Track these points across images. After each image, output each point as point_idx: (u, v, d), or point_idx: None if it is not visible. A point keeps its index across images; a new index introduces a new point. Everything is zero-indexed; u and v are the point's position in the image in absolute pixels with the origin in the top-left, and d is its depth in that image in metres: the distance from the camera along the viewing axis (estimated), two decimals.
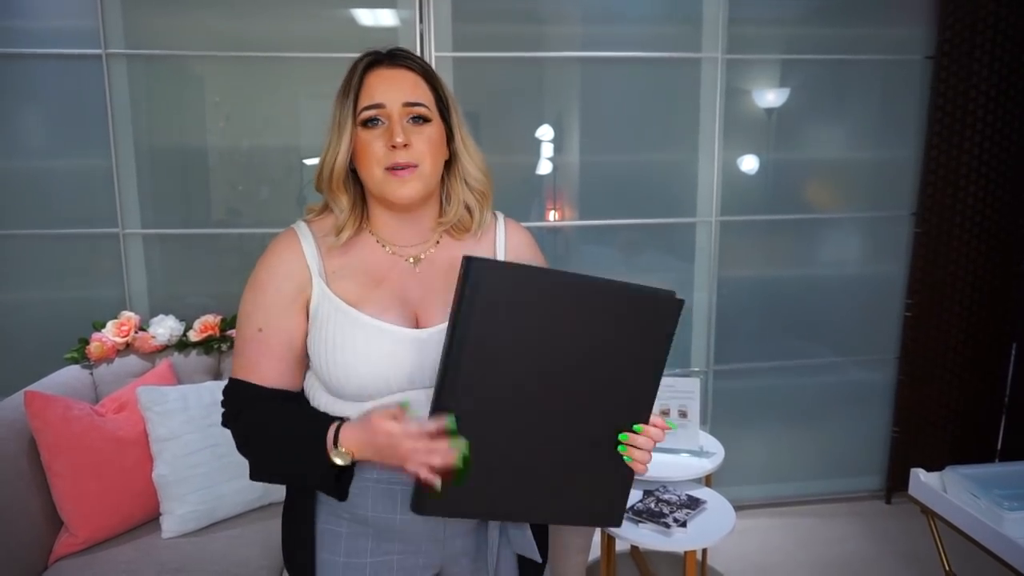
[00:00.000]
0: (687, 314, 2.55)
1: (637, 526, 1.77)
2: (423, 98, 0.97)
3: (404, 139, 0.94)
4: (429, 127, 0.97)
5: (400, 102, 0.95)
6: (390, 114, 0.95)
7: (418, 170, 0.96)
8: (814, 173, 2.56)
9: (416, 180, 0.96)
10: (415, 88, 0.96)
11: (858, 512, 2.62)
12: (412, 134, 0.95)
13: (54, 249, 2.22)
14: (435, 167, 0.98)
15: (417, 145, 0.95)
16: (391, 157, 0.94)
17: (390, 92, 0.95)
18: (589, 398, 0.88)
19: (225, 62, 2.23)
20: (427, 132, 0.96)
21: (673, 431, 0.91)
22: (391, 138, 0.94)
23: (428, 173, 0.97)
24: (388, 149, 0.94)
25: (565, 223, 2.45)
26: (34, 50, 2.12)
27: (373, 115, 0.95)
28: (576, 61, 2.38)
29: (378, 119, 0.95)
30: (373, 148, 0.95)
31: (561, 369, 0.85)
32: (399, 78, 0.96)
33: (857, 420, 2.69)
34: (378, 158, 0.95)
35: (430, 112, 0.97)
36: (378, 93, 0.95)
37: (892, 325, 2.62)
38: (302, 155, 2.33)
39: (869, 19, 2.45)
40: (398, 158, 0.94)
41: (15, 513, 1.50)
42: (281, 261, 0.98)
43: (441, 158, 1.00)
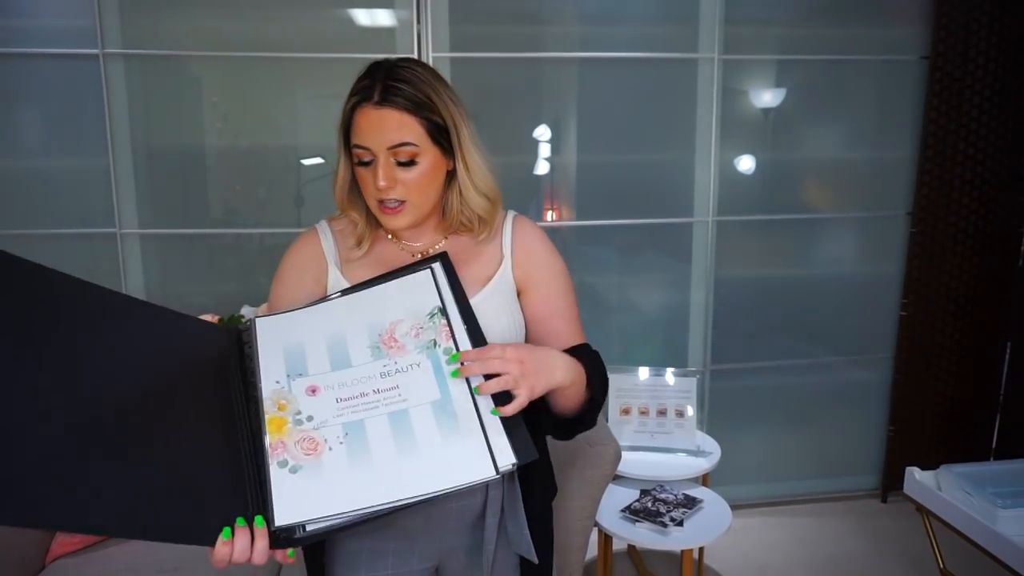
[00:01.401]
0: (684, 314, 2.56)
1: (634, 525, 1.78)
2: (410, 136, 0.97)
3: (388, 182, 0.97)
4: (416, 167, 0.99)
5: (384, 147, 0.97)
6: (376, 156, 0.98)
7: (406, 205, 1.00)
8: (810, 173, 2.57)
9: (406, 214, 1.01)
10: (400, 129, 0.97)
11: (854, 511, 2.63)
12: (399, 173, 0.98)
13: (51, 249, 2.22)
14: (425, 197, 1.02)
15: (404, 183, 0.99)
16: (379, 194, 0.99)
17: (373, 136, 0.97)
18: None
19: (223, 62, 2.23)
20: (414, 172, 0.99)
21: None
22: (376, 180, 0.97)
23: (419, 205, 1.01)
24: (376, 188, 0.98)
25: (562, 223, 2.46)
26: (31, 49, 2.11)
27: (360, 156, 0.99)
28: (573, 61, 2.39)
29: (367, 160, 0.99)
30: (366, 182, 1.00)
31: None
32: (384, 120, 0.97)
33: (853, 419, 2.70)
34: (370, 192, 1.00)
35: (418, 149, 0.98)
36: (364, 135, 0.98)
37: (887, 324, 2.63)
38: (300, 155, 2.34)
39: (865, 19, 2.46)
40: (384, 197, 0.99)
41: None
42: (300, 254, 1.07)
43: (435, 185, 1.03)
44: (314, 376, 0.91)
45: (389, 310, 0.95)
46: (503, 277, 1.08)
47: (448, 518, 1.01)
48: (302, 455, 0.85)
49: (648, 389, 2.08)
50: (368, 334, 0.93)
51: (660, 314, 2.58)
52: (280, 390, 0.90)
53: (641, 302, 2.58)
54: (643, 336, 2.58)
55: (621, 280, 2.54)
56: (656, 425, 2.08)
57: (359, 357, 0.92)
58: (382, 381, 0.90)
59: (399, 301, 0.96)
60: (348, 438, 0.86)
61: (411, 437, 0.86)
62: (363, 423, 0.87)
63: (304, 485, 0.83)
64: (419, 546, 1.02)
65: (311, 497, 0.82)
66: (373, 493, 0.82)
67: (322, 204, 2.34)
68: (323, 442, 0.86)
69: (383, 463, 0.84)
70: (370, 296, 0.97)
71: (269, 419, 0.87)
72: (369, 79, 1.00)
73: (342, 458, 0.85)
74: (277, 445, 0.86)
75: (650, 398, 2.08)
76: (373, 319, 0.94)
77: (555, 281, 1.10)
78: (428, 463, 0.84)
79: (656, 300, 2.57)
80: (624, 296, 2.57)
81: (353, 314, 0.96)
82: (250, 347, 0.94)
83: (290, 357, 0.93)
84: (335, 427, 0.87)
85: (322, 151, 2.33)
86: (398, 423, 0.87)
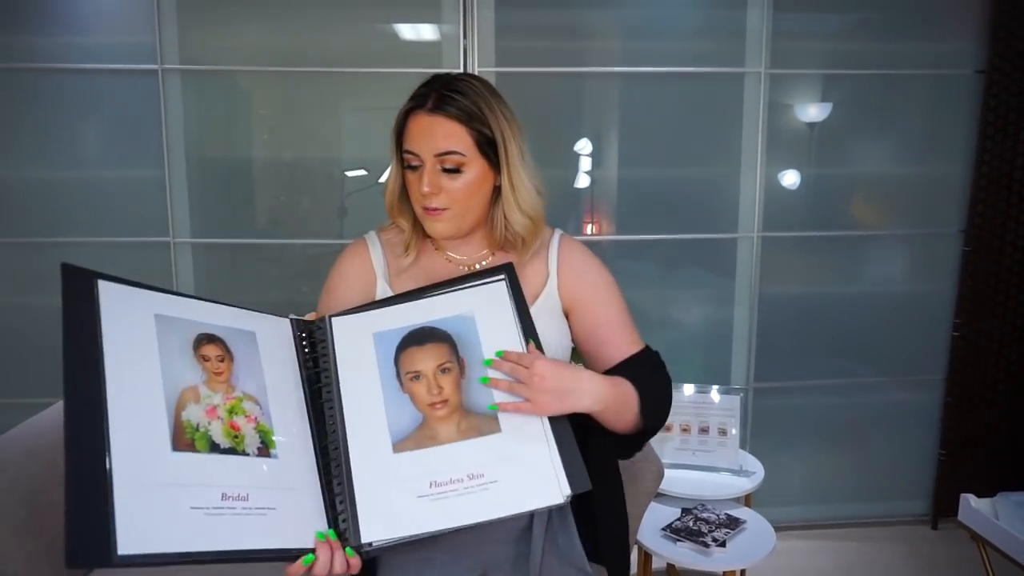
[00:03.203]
0: (727, 330, 2.52)
1: (675, 544, 1.75)
2: (457, 145, 0.99)
3: (431, 188, 1.00)
4: (461, 176, 1.01)
5: (432, 153, 0.99)
6: (423, 161, 1.00)
7: (448, 212, 1.02)
8: (859, 189, 2.52)
9: (448, 221, 1.02)
10: (448, 138, 0.99)
11: (902, 537, 2.54)
12: (444, 180, 1.00)
13: (107, 256, 2.29)
14: (468, 208, 1.03)
15: (448, 191, 1.01)
16: (423, 200, 1.01)
17: (423, 142, 1.00)
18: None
19: (271, 76, 2.29)
20: (459, 180, 1.01)
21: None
22: (421, 184, 1.00)
23: (460, 214, 1.03)
24: (421, 193, 1.01)
25: (602, 237, 2.45)
26: (94, 65, 2.20)
27: (409, 160, 1.02)
28: (617, 76, 2.39)
29: (415, 164, 1.01)
30: (413, 187, 1.03)
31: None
32: (434, 127, 1.00)
33: (902, 442, 2.62)
34: (416, 197, 1.03)
35: (464, 159, 1.00)
36: (413, 141, 1.01)
37: (939, 345, 2.55)
38: (344, 167, 2.37)
39: (916, 33, 2.41)
40: (427, 203, 1.01)
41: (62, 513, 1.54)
42: (350, 265, 1.09)
43: (480, 196, 1.04)
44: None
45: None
46: (549, 295, 1.09)
47: (495, 529, 1.01)
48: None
49: (691, 406, 2.06)
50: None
51: (702, 330, 2.54)
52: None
53: (683, 318, 2.55)
54: (684, 352, 2.55)
55: (662, 295, 2.51)
56: (698, 443, 2.04)
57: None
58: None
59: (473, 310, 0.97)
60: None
61: (481, 457, 0.87)
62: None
63: (388, 500, 0.84)
64: (465, 557, 1.02)
65: (393, 512, 0.84)
66: (442, 520, 0.84)
67: (365, 215, 2.38)
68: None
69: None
70: (445, 301, 0.98)
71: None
72: (426, 88, 1.02)
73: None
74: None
75: (693, 415, 2.05)
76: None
77: (602, 292, 1.10)
78: (495, 493, 0.85)
79: (698, 316, 2.54)
80: (665, 311, 2.54)
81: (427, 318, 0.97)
82: (323, 346, 0.95)
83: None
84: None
85: (366, 163, 2.37)
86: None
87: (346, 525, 0.83)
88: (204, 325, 0.86)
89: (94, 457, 0.72)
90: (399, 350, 0.94)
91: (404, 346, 0.94)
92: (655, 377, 1.04)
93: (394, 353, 0.93)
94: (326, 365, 0.93)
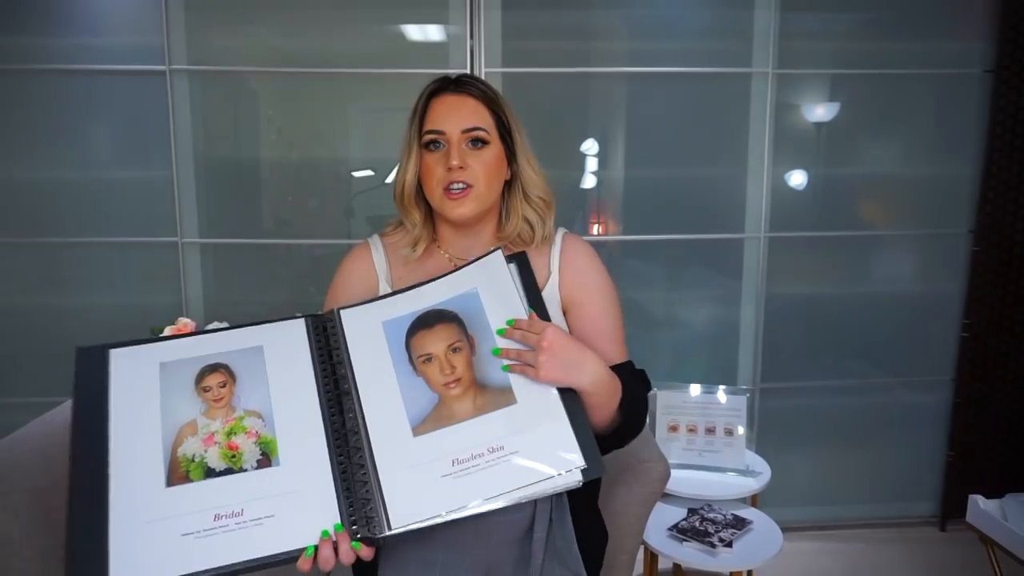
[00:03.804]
0: (733, 330, 2.52)
1: (681, 544, 1.75)
2: (482, 122, 1.03)
3: (460, 162, 1.01)
4: (487, 150, 1.03)
5: (459, 128, 1.02)
6: (450, 139, 1.02)
7: (473, 190, 1.02)
8: (866, 189, 2.51)
9: (471, 200, 1.03)
10: (475, 114, 1.03)
11: (910, 538, 2.53)
12: (469, 157, 1.02)
13: (116, 257, 2.30)
14: (490, 187, 1.05)
15: (474, 167, 1.02)
16: (449, 177, 1.02)
17: (450, 119, 1.02)
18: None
19: (279, 77, 2.30)
20: (484, 155, 1.03)
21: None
22: (448, 160, 1.01)
23: (483, 193, 1.04)
24: (446, 170, 1.01)
25: (609, 237, 2.45)
26: (102, 66, 2.21)
27: (434, 139, 1.03)
28: (624, 76, 2.39)
29: (439, 143, 1.03)
30: (434, 169, 1.03)
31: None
32: (460, 104, 1.03)
33: (909, 443, 2.60)
34: (438, 178, 1.03)
35: (488, 135, 1.03)
36: (439, 119, 1.03)
37: (948, 346, 2.54)
38: (350, 167, 2.38)
39: (924, 32, 2.40)
40: (454, 177, 1.01)
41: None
42: (352, 268, 1.11)
43: (499, 179, 1.06)
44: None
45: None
46: (550, 292, 1.09)
47: (496, 531, 1.01)
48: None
49: (698, 406, 2.05)
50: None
51: (709, 330, 2.54)
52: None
53: (689, 318, 2.54)
54: (691, 352, 2.55)
55: (669, 295, 2.51)
56: (704, 443, 2.04)
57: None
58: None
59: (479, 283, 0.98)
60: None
61: (499, 441, 0.88)
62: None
63: (413, 484, 0.86)
64: (467, 558, 1.02)
65: (419, 496, 0.85)
66: (467, 496, 0.85)
67: (371, 216, 2.38)
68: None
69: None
70: (448, 282, 0.99)
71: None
72: (443, 78, 1.06)
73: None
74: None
75: (699, 416, 2.05)
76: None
77: (602, 301, 1.11)
78: (516, 463, 0.86)
79: (705, 316, 2.54)
80: (672, 312, 2.54)
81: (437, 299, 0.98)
82: (335, 339, 0.96)
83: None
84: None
85: (372, 163, 2.38)
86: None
87: (373, 513, 0.84)
88: (206, 358, 0.92)
89: (93, 504, 0.81)
90: (409, 335, 0.95)
91: (414, 331, 0.95)
92: (636, 384, 1.05)
93: (404, 338, 0.95)
94: (340, 358, 0.95)
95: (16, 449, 1.45)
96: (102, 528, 0.80)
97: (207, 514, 0.81)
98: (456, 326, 0.95)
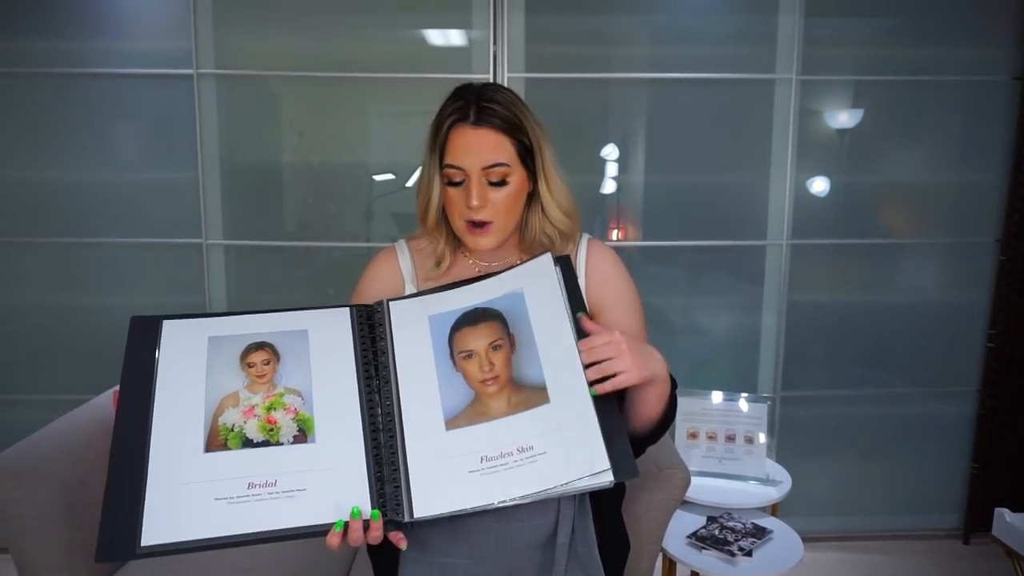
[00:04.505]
0: (754, 338, 2.50)
1: (700, 552, 1.74)
2: (503, 156, 1.02)
3: (480, 202, 1.01)
4: (507, 187, 1.03)
5: (479, 167, 1.01)
6: (469, 175, 1.01)
7: (493, 226, 1.04)
8: (890, 196, 2.48)
9: (491, 235, 1.04)
10: (495, 149, 1.01)
11: (933, 551, 2.50)
12: (490, 193, 1.02)
13: (141, 257, 2.33)
14: (513, 217, 1.06)
15: (494, 204, 1.02)
16: (469, 214, 1.02)
17: (470, 156, 1.01)
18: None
19: (302, 81, 2.32)
20: (505, 191, 1.03)
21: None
22: (469, 200, 1.01)
23: (503, 227, 1.05)
24: (466, 207, 1.02)
25: (628, 243, 2.44)
26: (131, 70, 2.25)
27: (453, 176, 1.03)
28: (646, 81, 2.38)
29: (459, 180, 1.03)
30: (455, 203, 1.04)
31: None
32: (480, 140, 1.01)
33: (932, 454, 2.57)
34: (460, 211, 1.04)
35: (509, 170, 1.02)
36: (459, 156, 1.02)
37: (973, 356, 2.50)
38: (371, 171, 2.40)
39: (950, 38, 2.37)
40: (474, 216, 1.02)
41: (97, 507, 1.57)
42: (378, 271, 1.12)
43: (521, 204, 1.07)
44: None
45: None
46: None
47: (519, 536, 1.01)
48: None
49: (718, 413, 2.04)
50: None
51: (729, 337, 2.52)
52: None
53: (709, 325, 2.53)
54: (711, 359, 2.53)
55: (689, 302, 2.50)
56: (724, 451, 2.03)
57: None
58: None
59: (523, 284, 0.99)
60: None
61: (530, 438, 0.89)
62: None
63: (440, 476, 0.87)
64: (489, 564, 1.01)
65: (444, 488, 0.86)
66: (492, 494, 0.86)
67: (391, 219, 2.40)
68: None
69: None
70: (497, 282, 1.00)
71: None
72: (462, 100, 1.03)
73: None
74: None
75: (719, 423, 2.03)
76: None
77: (627, 305, 1.11)
78: (543, 464, 0.87)
79: (725, 323, 2.52)
80: (691, 318, 2.53)
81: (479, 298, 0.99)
82: (381, 328, 0.98)
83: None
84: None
85: (393, 167, 2.39)
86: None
87: (399, 499, 0.86)
88: (253, 336, 0.95)
89: (132, 466, 0.84)
90: (453, 330, 0.96)
91: (458, 326, 0.96)
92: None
93: (448, 333, 0.96)
94: (383, 347, 0.96)
95: (42, 445, 1.48)
96: (139, 484, 0.83)
97: (241, 481, 0.84)
98: (499, 324, 0.96)
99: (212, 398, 0.90)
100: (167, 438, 0.86)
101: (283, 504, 0.83)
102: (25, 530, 1.36)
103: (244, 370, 0.92)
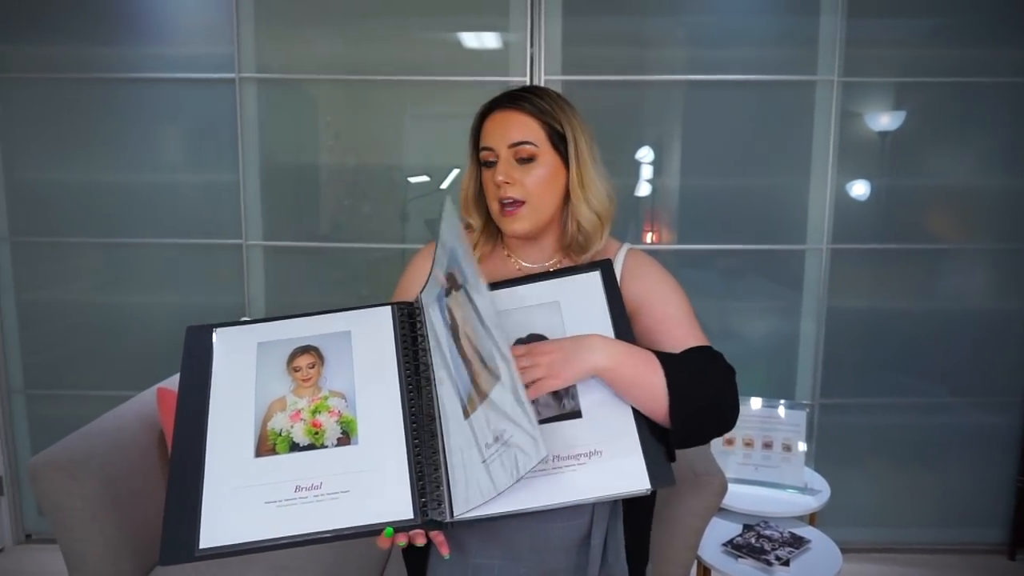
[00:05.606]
0: (792, 344, 2.46)
1: (736, 560, 1.72)
2: (530, 136, 1.03)
3: (506, 177, 1.03)
4: (536, 165, 1.04)
5: (506, 144, 1.04)
6: (498, 154, 1.04)
7: (526, 206, 1.04)
8: (934, 201, 2.42)
9: (525, 217, 1.05)
10: (522, 128, 1.04)
11: (977, 566, 2.42)
12: (518, 172, 1.04)
13: (183, 257, 2.39)
14: (545, 201, 1.05)
15: (523, 182, 1.04)
16: (499, 193, 1.04)
17: (496, 135, 1.04)
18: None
19: (339, 84, 2.35)
20: (534, 171, 1.04)
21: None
22: (496, 175, 1.04)
23: (537, 207, 1.05)
24: (497, 186, 1.04)
25: (662, 246, 2.42)
26: (175, 75, 2.30)
27: (486, 157, 1.06)
28: (683, 83, 2.37)
29: (492, 160, 1.05)
30: (489, 185, 1.06)
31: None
32: (508, 120, 1.05)
33: (976, 466, 2.49)
34: (493, 193, 1.06)
35: (537, 150, 1.03)
36: (489, 137, 1.05)
37: (1019, 366, 2.43)
38: (406, 173, 2.41)
39: (993, 40, 2.30)
40: (504, 193, 1.04)
41: (145, 500, 1.60)
42: (419, 268, 1.13)
43: (555, 191, 1.06)
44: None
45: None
46: None
47: (554, 537, 1.01)
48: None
49: (756, 420, 2.01)
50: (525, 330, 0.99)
51: (766, 343, 2.48)
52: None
53: (746, 330, 2.49)
54: (748, 365, 2.49)
55: (726, 305, 2.47)
56: (761, 458, 2.00)
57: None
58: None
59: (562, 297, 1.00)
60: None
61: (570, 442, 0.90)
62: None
63: (477, 480, 0.86)
64: (524, 564, 1.02)
65: (479, 489, 0.85)
66: (535, 495, 0.86)
67: (425, 227, 2.41)
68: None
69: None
70: (535, 290, 1.01)
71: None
72: (502, 95, 1.08)
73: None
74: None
75: (756, 430, 2.00)
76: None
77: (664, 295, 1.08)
78: (584, 470, 0.87)
79: (763, 328, 2.48)
80: (728, 323, 2.49)
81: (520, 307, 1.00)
82: (423, 327, 0.98)
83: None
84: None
85: (428, 169, 2.41)
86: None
87: (441, 498, 0.86)
88: (299, 339, 0.98)
89: (191, 472, 0.88)
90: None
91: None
92: (707, 365, 0.95)
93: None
94: (425, 345, 0.97)
95: (90, 440, 1.52)
96: (197, 489, 0.87)
97: (289, 485, 0.87)
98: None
99: (261, 404, 0.93)
100: (221, 443, 0.90)
101: (329, 506, 0.85)
102: (74, 521, 1.40)
103: (290, 374, 0.95)
